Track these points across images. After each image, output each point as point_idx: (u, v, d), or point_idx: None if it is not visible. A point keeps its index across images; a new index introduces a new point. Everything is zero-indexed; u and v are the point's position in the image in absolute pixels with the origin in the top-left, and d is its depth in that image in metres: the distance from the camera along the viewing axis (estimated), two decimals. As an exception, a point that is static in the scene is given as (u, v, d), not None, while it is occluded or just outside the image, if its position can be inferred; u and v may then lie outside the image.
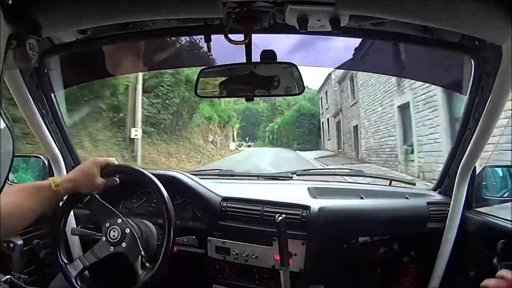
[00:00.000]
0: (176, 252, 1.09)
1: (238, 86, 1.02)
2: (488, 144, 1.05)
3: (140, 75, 8.32)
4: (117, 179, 1.06)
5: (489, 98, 0.93)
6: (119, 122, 8.16)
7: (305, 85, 0.99)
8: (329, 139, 18.83)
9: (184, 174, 1.32)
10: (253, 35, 0.94)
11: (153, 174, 1.05)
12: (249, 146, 29.73)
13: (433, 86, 5.92)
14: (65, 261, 1.01)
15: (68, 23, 0.84)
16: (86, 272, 1.32)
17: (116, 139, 7.98)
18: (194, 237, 1.17)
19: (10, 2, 0.47)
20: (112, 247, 0.99)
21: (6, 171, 0.44)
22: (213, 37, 1.01)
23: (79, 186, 0.98)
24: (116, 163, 1.06)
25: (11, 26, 0.46)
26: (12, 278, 0.85)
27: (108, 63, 1.31)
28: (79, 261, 1.00)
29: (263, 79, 0.99)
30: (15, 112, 1.12)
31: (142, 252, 0.98)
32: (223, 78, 1.03)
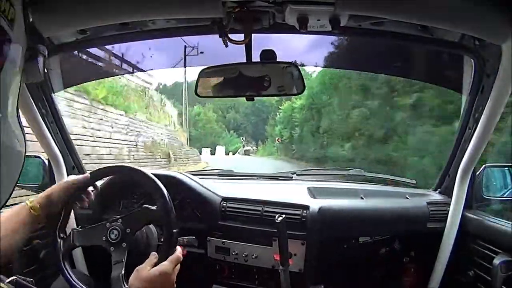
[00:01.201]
0: (186, 255, 1.08)
1: (238, 86, 1.02)
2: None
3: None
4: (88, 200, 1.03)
5: (489, 98, 0.93)
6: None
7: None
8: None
9: (184, 174, 1.32)
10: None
11: (154, 175, 1.05)
12: (246, 152, 22.77)
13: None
14: (74, 278, 0.98)
15: (68, 23, 0.84)
16: (86, 272, 1.32)
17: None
18: (194, 237, 1.17)
19: (31, 19, 0.49)
20: (112, 247, 0.98)
21: (18, 173, 0.45)
22: (213, 37, 1.00)
23: (53, 194, 0.94)
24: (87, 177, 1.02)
25: (28, 39, 0.48)
26: (18, 279, 0.85)
27: (108, 63, 1.31)
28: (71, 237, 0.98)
29: (263, 79, 0.99)
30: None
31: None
32: (223, 78, 1.03)
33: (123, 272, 0.94)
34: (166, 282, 0.87)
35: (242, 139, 25.02)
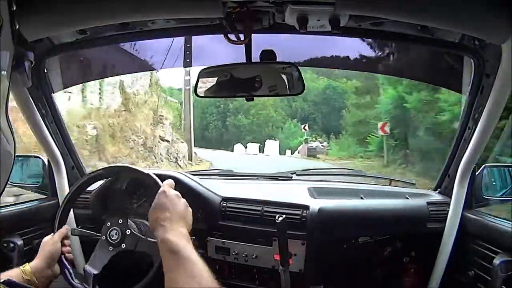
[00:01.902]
0: None
1: (238, 86, 1.02)
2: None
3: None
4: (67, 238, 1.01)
5: (489, 98, 0.93)
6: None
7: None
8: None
9: (184, 174, 1.32)
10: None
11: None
12: (311, 152, 13.55)
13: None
14: (76, 281, 0.98)
15: (68, 23, 0.84)
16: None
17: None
18: (194, 237, 1.16)
19: (17, 26, 0.50)
20: (111, 247, 0.98)
21: (8, 172, 0.45)
22: (213, 37, 1.01)
23: (45, 255, 0.96)
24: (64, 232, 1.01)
25: (15, 47, 0.50)
26: (10, 279, 0.85)
27: (108, 63, 1.32)
28: (89, 268, 0.97)
29: (262, 79, 0.99)
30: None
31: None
32: (223, 78, 1.03)
33: (96, 272, 0.95)
34: (172, 199, 0.81)
35: (305, 128, 15.80)
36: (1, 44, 0.42)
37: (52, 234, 0.99)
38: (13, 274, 0.87)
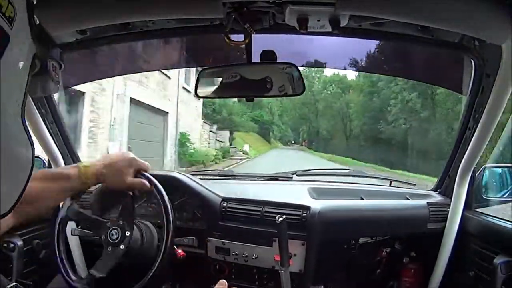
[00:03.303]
0: (184, 257, 1.08)
1: (238, 86, 1.02)
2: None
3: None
4: (148, 185, 1.02)
5: (489, 98, 0.93)
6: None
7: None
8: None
9: (184, 175, 1.32)
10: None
11: (152, 175, 1.05)
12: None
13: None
14: (73, 277, 0.98)
15: (68, 23, 0.84)
16: (85, 270, 1.32)
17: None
18: (194, 237, 1.17)
19: (38, 21, 0.48)
20: (110, 247, 0.98)
21: (25, 181, 0.44)
22: (213, 37, 1.01)
23: (108, 182, 0.98)
24: (150, 170, 1.04)
25: (36, 45, 0.47)
26: (18, 284, 0.85)
27: (107, 63, 1.31)
28: (93, 272, 0.97)
29: (263, 79, 0.99)
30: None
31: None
32: (230, 79, 1.03)
33: (103, 275, 0.95)
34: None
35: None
36: (10, 35, 0.40)
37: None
38: (72, 172, 0.93)
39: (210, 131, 15.71)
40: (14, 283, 0.86)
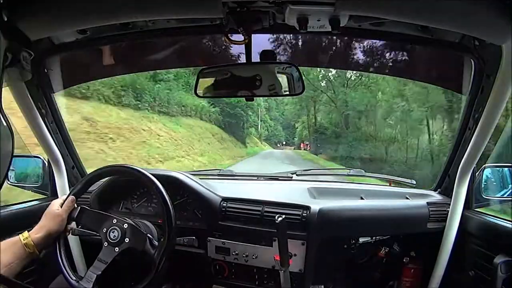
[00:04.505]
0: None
1: (238, 86, 1.02)
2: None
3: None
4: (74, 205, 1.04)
5: (489, 98, 0.93)
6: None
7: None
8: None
9: (184, 174, 1.32)
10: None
11: (152, 175, 1.06)
12: None
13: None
14: (74, 278, 0.99)
15: (68, 23, 0.84)
16: (85, 270, 1.32)
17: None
18: (194, 237, 1.17)
19: (6, 18, 0.49)
20: (116, 248, 0.98)
21: (5, 170, 0.44)
22: (213, 37, 1.00)
23: (50, 230, 0.97)
24: (73, 200, 1.04)
25: (7, 40, 0.48)
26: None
27: (108, 63, 1.31)
28: (90, 273, 0.98)
29: (262, 78, 0.99)
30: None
31: (148, 235, 1.00)
32: (223, 78, 1.03)
33: (99, 273, 0.96)
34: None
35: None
36: None
37: (61, 201, 1.01)
38: (13, 241, 0.91)
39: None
40: None
